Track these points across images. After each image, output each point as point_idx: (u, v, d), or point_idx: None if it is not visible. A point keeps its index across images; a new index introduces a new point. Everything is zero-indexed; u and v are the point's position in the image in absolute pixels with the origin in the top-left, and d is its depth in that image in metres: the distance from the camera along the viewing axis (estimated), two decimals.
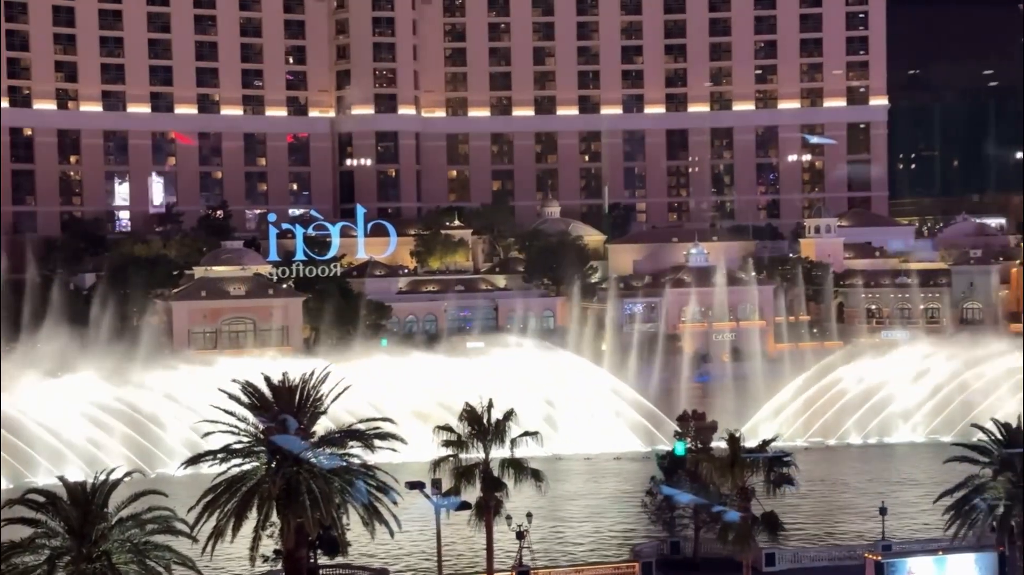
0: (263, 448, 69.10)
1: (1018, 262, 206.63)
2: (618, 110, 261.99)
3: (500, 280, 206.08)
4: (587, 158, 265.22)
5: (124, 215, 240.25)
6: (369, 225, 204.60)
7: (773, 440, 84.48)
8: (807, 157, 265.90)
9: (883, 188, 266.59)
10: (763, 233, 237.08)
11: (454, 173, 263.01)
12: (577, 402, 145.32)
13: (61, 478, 63.07)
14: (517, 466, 79.90)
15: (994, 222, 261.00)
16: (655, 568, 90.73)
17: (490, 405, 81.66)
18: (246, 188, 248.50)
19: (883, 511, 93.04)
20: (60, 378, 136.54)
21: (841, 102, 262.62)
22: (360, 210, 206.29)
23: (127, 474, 62.97)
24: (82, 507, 59.07)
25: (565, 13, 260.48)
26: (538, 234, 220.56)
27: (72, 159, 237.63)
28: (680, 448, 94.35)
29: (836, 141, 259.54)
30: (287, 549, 70.06)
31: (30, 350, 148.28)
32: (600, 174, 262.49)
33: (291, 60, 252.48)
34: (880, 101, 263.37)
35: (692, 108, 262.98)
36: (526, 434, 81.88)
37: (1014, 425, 76.78)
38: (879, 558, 77.58)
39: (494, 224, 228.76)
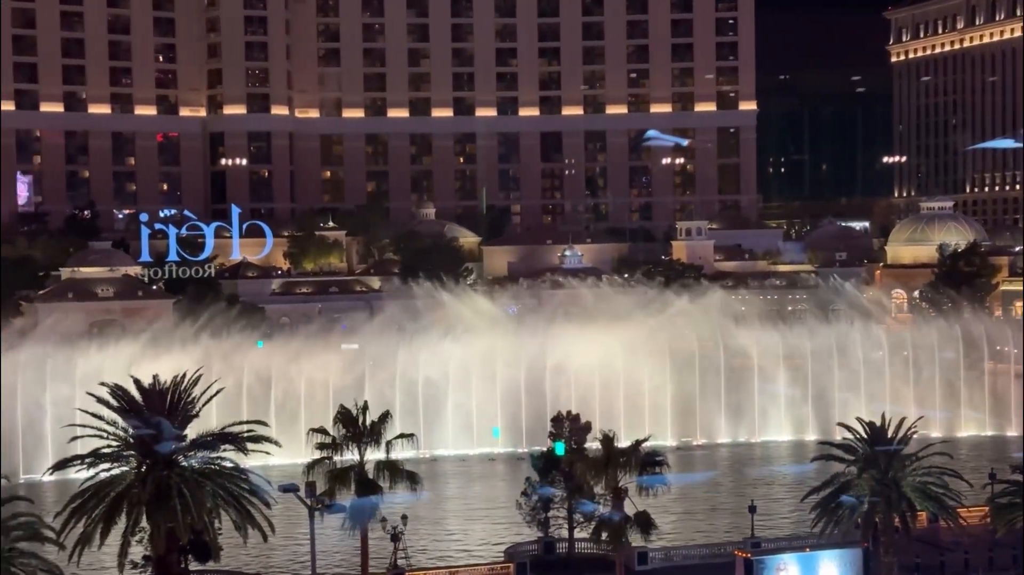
0: (133, 452, 67.93)
1: (881, 264, 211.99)
2: (493, 112, 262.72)
3: (375, 282, 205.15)
4: (462, 160, 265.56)
5: None
6: (244, 226, 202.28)
7: (645, 440, 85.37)
8: (679, 160, 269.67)
9: (752, 191, 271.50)
10: (636, 235, 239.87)
11: (328, 174, 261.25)
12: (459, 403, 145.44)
13: None
14: (392, 468, 79.61)
15: (859, 225, 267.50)
16: (529, 568, 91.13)
17: (365, 407, 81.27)
18: (114, 188, 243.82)
19: (752, 509, 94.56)
20: None
21: (711, 107, 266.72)
22: (235, 210, 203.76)
23: None
24: None
25: (440, 15, 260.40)
26: (413, 236, 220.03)
27: None
28: (560, 448, 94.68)
29: (686, 142, 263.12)
30: (157, 555, 68.88)
31: None
32: (475, 176, 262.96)
33: (161, 58, 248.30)
34: (749, 106, 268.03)
35: (566, 111, 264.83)
36: (401, 436, 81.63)
37: (878, 423, 78.67)
38: (749, 555, 78.85)
39: (369, 225, 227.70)
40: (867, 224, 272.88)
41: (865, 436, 78.09)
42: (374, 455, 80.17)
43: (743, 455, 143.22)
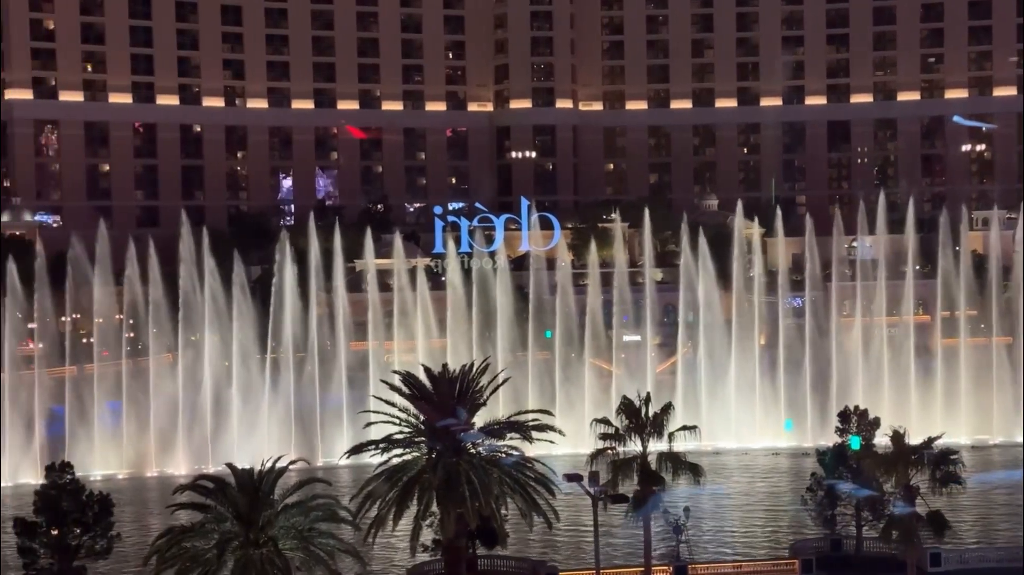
0: (423, 438, 70.08)
1: None
2: (778, 102, 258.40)
3: (657, 274, 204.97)
4: (746, 150, 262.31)
5: (290, 207, 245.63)
6: (531, 218, 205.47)
7: (938, 438, 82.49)
8: (980, 147, 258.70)
9: None
10: (930, 226, 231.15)
11: (611, 166, 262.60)
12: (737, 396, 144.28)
13: (229, 465, 64.70)
14: (675, 460, 79.55)
15: None
16: (815, 566, 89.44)
17: (647, 399, 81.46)
18: (406, 182, 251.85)
19: None
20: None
21: (1012, 91, 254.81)
22: (524, 202, 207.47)
23: (292, 462, 64.47)
24: (249, 494, 60.68)
25: (724, 4, 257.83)
26: (696, 227, 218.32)
27: (239, 155, 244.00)
28: (855, 443, 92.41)
29: (996, 125, 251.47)
30: (446, 539, 70.99)
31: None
32: (758, 166, 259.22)
33: (451, 55, 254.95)
34: None
35: (855, 99, 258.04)
36: (684, 428, 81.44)
37: None
38: None
39: (651, 217, 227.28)
40: None
41: None
42: (656, 446, 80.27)
43: None
